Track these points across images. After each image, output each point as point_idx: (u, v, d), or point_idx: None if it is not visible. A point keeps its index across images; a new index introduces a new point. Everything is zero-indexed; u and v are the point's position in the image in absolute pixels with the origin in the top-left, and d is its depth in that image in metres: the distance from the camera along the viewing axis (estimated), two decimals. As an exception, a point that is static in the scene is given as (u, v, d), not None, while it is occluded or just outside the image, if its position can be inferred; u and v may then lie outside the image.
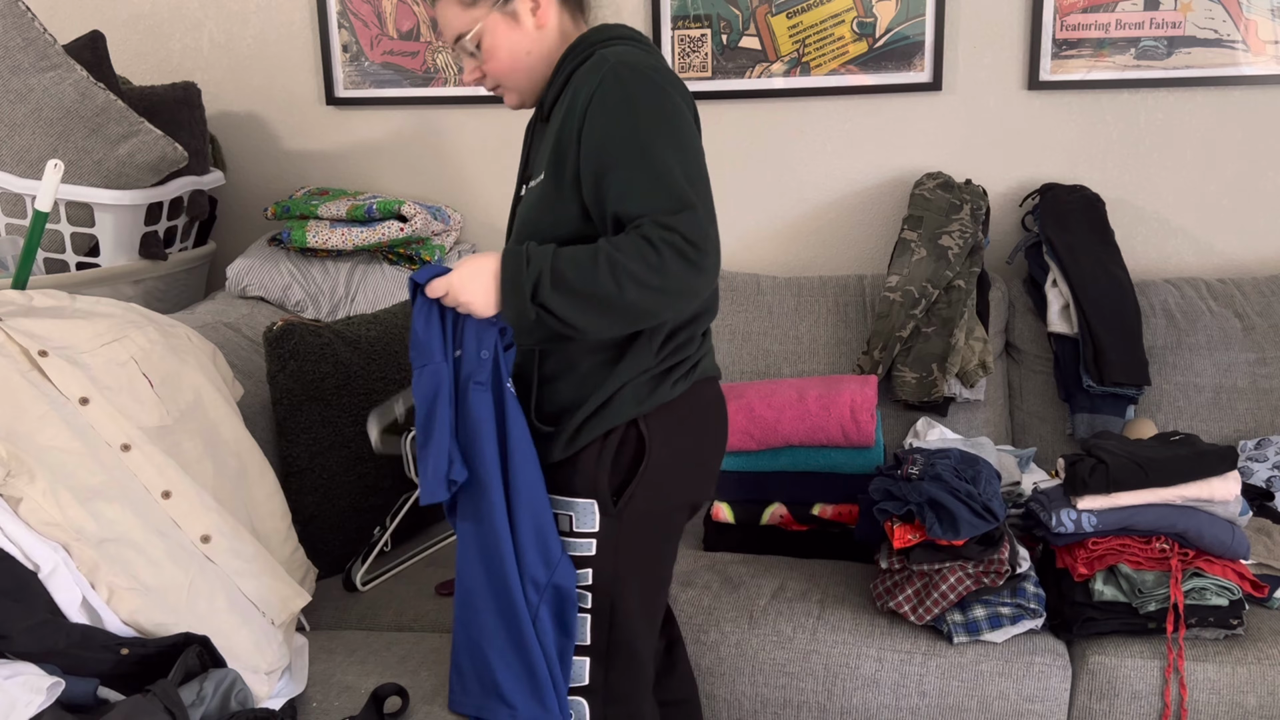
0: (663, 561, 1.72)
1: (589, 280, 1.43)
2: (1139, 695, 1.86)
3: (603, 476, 1.60)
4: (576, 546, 1.62)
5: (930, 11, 2.64)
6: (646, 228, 1.43)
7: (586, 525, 1.61)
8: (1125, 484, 1.89)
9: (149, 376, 1.76)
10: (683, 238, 1.42)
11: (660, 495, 1.64)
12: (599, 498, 1.60)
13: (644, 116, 1.48)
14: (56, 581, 1.47)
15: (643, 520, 1.63)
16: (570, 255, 1.45)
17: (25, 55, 2.32)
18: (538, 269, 1.44)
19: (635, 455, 1.61)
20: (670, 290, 1.44)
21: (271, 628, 1.71)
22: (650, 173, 1.45)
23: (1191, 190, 2.67)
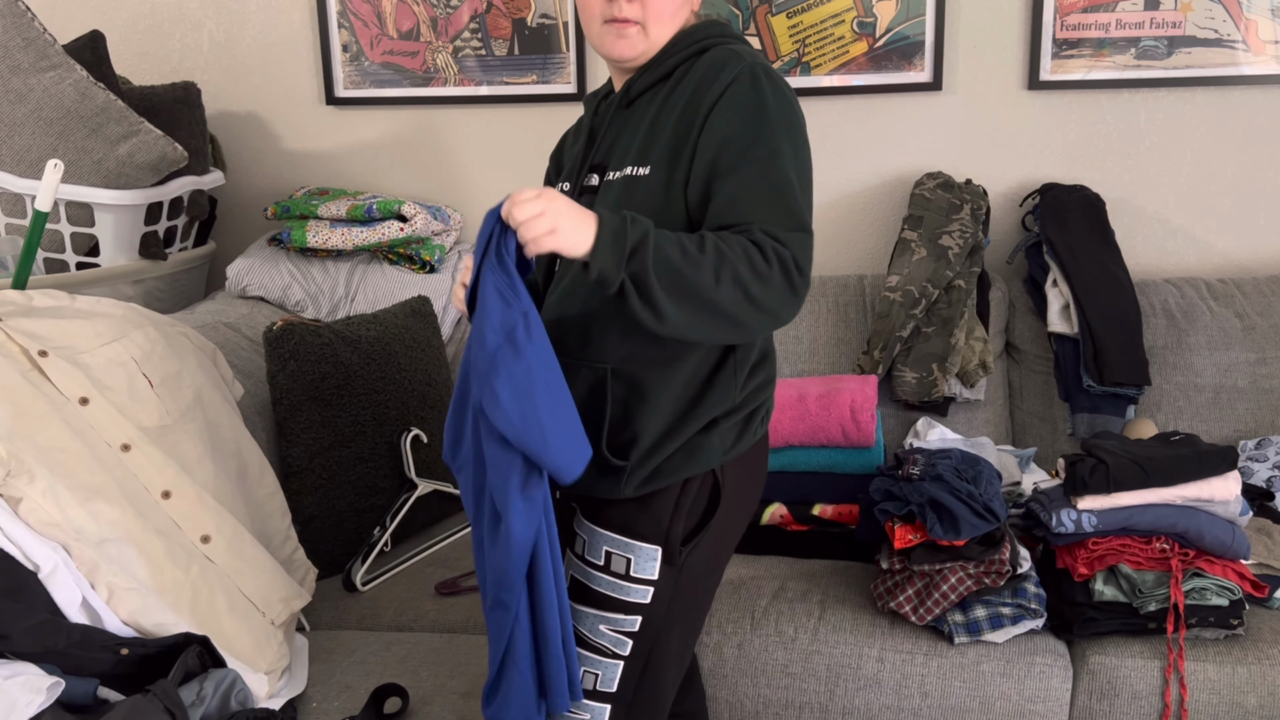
0: (705, 611, 1.62)
1: (691, 265, 1.30)
2: (1139, 695, 1.86)
3: (677, 526, 1.49)
4: (630, 591, 1.49)
5: (930, 11, 2.64)
6: (758, 235, 1.33)
7: (645, 572, 1.49)
8: (1125, 484, 1.89)
9: (149, 376, 1.76)
10: (793, 258, 1.33)
11: (721, 546, 1.56)
12: (668, 547, 1.49)
13: (778, 123, 1.39)
14: (56, 581, 1.47)
15: (700, 571, 1.54)
16: (674, 234, 1.32)
17: (25, 55, 2.32)
18: (642, 232, 1.29)
19: (709, 505, 1.51)
20: (763, 305, 1.33)
21: (271, 628, 1.71)
22: (771, 184, 1.37)
23: (1191, 190, 2.67)
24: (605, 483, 1.48)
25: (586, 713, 1.54)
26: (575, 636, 1.52)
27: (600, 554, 1.50)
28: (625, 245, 1.28)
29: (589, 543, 1.52)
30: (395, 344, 2.40)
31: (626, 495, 1.48)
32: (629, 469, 1.47)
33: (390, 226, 2.66)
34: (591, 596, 1.51)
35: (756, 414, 1.54)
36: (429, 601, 2.10)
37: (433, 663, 1.81)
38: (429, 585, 2.16)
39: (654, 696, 1.55)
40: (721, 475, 1.51)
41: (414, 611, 2.07)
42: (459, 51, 2.85)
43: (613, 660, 1.51)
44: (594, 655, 1.52)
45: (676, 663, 1.57)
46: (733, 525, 1.57)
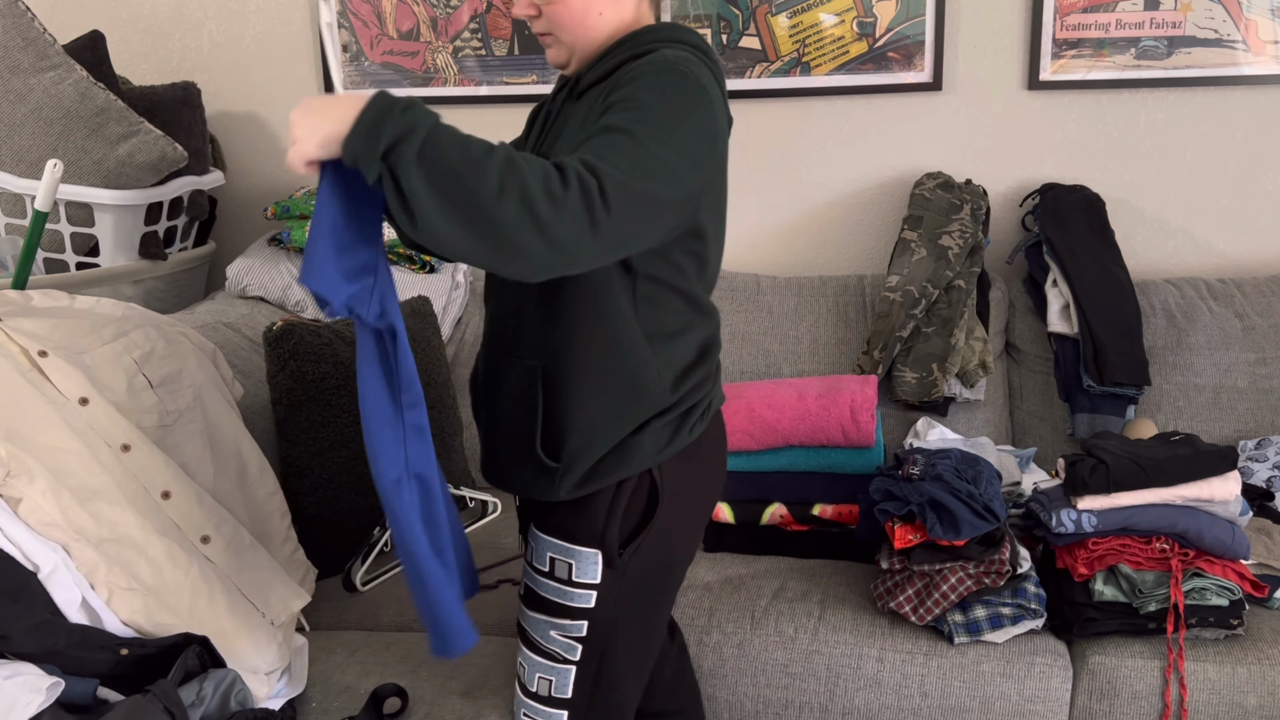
0: (661, 615, 1.59)
1: (470, 168, 1.15)
2: (1139, 695, 1.86)
3: (613, 528, 1.47)
4: (574, 597, 1.49)
5: (930, 11, 2.64)
6: (568, 161, 1.21)
7: (587, 576, 1.48)
8: (1125, 484, 1.89)
9: (149, 376, 1.76)
10: (600, 186, 1.19)
11: (668, 546, 1.53)
12: (605, 549, 1.48)
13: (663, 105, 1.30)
14: (56, 582, 1.47)
15: (648, 573, 1.51)
16: (463, 136, 1.19)
17: (25, 55, 2.32)
18: (412, 121, 1.16)
19: (647, 505, 1.48)
20: (550, 229, 1.16)
21: (271, 628, 1.71)
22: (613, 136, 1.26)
23: (1191, 190, 2.67)
24: (541, 484, 1.48)
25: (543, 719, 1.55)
26: (529, 642, 1.54)
27: (545, 560, 1.51)
28: (381, 133, 1.15)
29: (535, 549, 1.52)
30: (395, 344, 2.40)
31: (562, 498, 1.47)
32: (561, 470, 1.46)
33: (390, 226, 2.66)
34: (540, 602, 1.52)
35: (693, 412, 1.50)
36: (429, 601, 2.10)
37: (432, 663, 1.81)
38: (429, 585, 2.15)
39: (611, 702, 1.55)
40: (659, 475, 1.48)
41: (414, 611, 2.07)
42: (459, 51, 2.85)
43: (565, 666, 1.52)
44: (546, 661, 1.53)
45: (635, 667, 1.56)
46: (681, 525, 1.53)
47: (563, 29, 1.46)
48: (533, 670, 1.56)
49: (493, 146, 1.19)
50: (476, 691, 1.71)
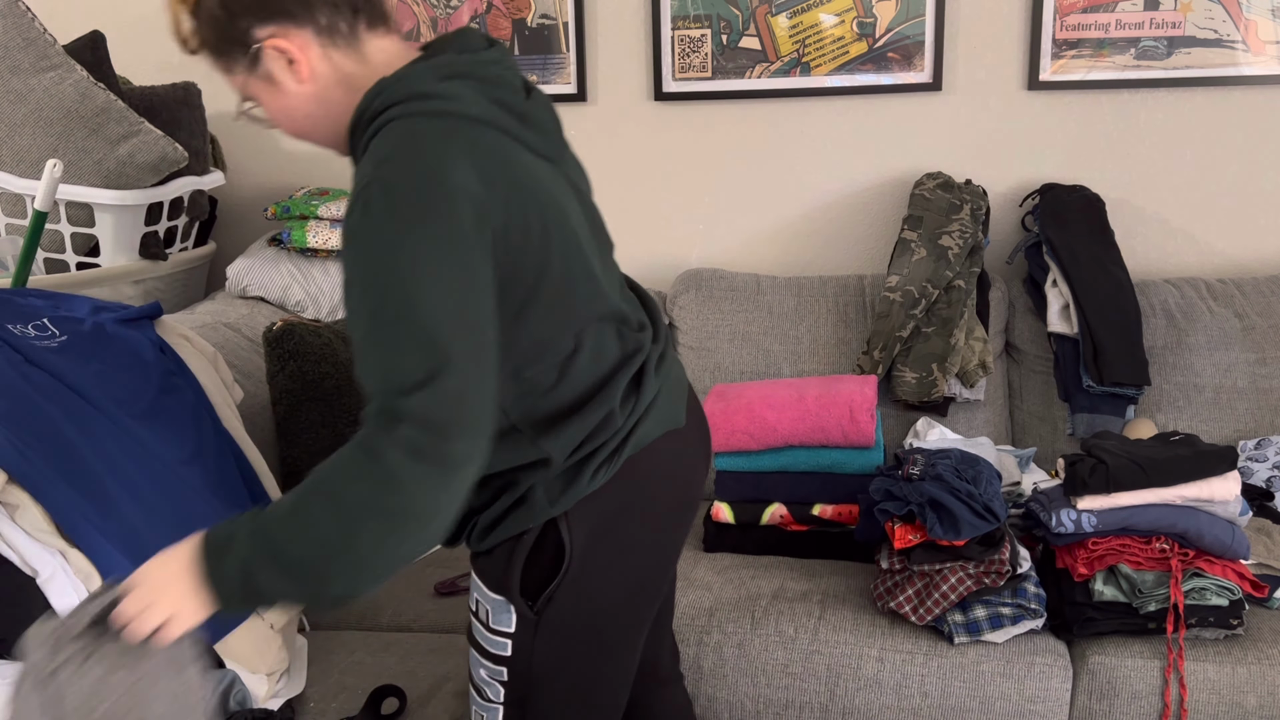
0: (603, 667, 1.43)
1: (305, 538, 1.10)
2: (1139, 695, 1.86)
3: (512, 579, 1.35)
4: (492, 643, 1.40)
5: (930, 11, 2.64)
6: (368, 430, 1.12)
7: (502, 624, 1.38)
8: (1125, 484, 1.89)
9: (148, 376, 1.76)
10: (417, 425, 1.09)
11: (592, 599, 1.37)
12: (511, 600, 1.36)
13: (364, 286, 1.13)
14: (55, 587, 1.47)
15: (570, 626, 1.37)
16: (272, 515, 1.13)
17: (25, 55, 2.32)
18: (240, 556, 1.12)
19: (554, 557, 1.34)
20: (416, 514, 1.10)
21: (270, 631, 1.71)
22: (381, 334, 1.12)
23: (1191, 190, 2.67)
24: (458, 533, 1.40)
25: None
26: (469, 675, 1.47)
27: (473, 600, 1.43)
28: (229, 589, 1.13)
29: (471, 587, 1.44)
30: (395, 344, 2.40)
31: (473, 548, 1.38)
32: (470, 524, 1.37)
33: (390, 227, 2.66)
34: (472, 638, 1.44)
35: (592, 460, 1.32)
36: (428, 602, 2.10)
37: (431, 663, 1.81)
38: (428, 585, 2.16)
39: None
40: (565, 525, 1.33)
41: (413, 612, 2.07)
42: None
43: (493, 705, 1.44)
44: (478, 697, 1.45)
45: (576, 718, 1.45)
46: (609, 575, 1.37)
47: (282, 122, 1.30)
48: (472, 705, 1.48)
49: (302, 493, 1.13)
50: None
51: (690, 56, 2.75)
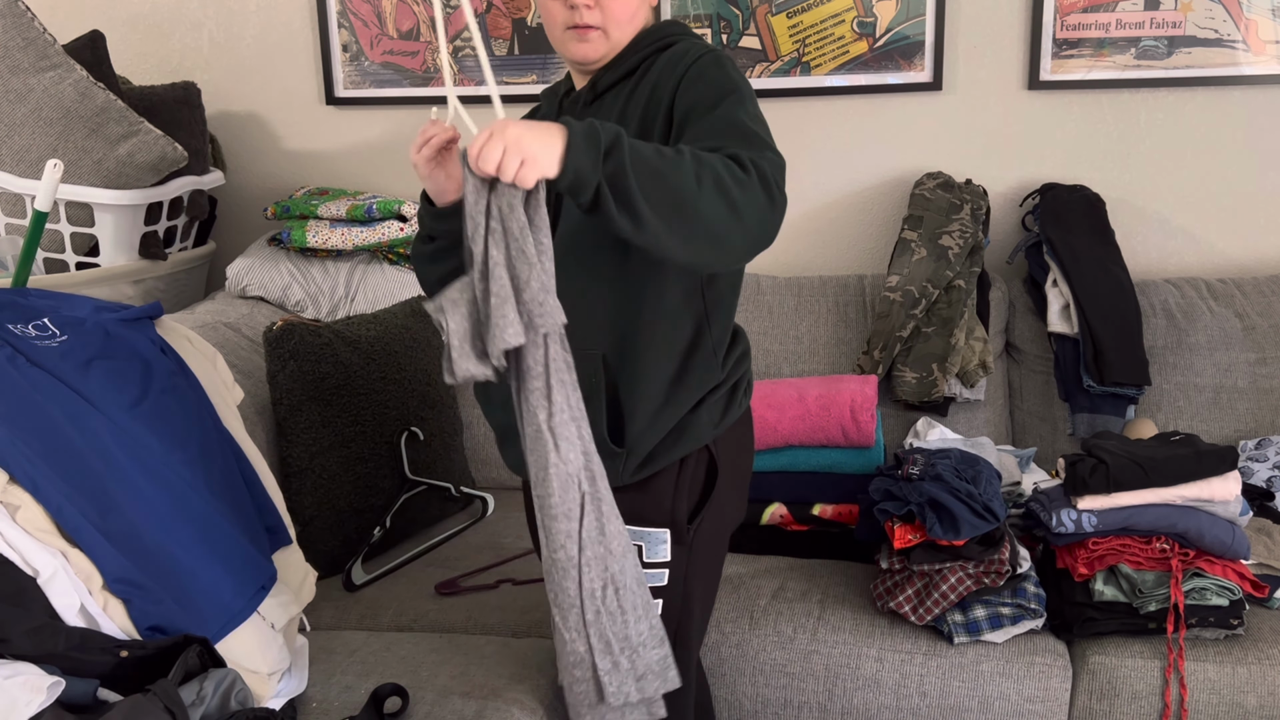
0: (717, 580, 1.67)
1: (669, 164, 1.26)
2: (1139, 695, 1.86)
3: (680, 505, 1.52)
4: (649, 577, 1.50)
5: (930, 11, 2.64)
6: (732, 151, 1.33)
7: (658, 555, 1.52)
8: (1125, 484, 1.89)
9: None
10: (770, 171, 1.33)
11: (724, 516, 1.59)
12: (675, 527, 1.52)
13: (740, 89, 1.43)
14: (55, 587, 1.46)
15: (709, 544, 1.57)
16: (646, 143, 1.30)
17: (25, 55, 2.32)
18: (615, 133, 1.26)
19: (706, 479, 1.54)
20: (745, 214, 1.29)
21: (271, 631, 1.71)
22: (737, 126, 1.38)
23: (1191, 190, 2.67)
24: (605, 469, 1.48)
25: None
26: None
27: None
28: (599, 145, 1.25)
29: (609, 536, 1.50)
30: (395, 344, 2.40)
31: (625, 482, 1.50)
32: (624, 454, 1.50)
33: (390, 226, 2.66)
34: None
35: (739, 386, 1.57)
36: (429, 601, 2.10)
37: (433, 663, 1.81)
38: (429, 585, 2.16)
39: (684, 671, 1.56)
40: (715, 450, 1.54)
41: (414, 611, 2.07)
42: (459, 51, 2.85)
43: None
44: None
45: (699, 635, 1.64)
46: (732, 497, 1.61)
47: (616, 24, 1.51)
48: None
49: (680, 148, 1.30)
50: (477, 691, 1.71)
51: (690, 56, 2.74)
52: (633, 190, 1.24)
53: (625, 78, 1.53)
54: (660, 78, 1.48)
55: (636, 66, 1.53)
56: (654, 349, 1.49)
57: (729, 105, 1.40)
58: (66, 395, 1.56)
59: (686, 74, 1.45)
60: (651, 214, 1.25)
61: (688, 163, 1.27)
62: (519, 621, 2.02)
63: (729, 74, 1.45)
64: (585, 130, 1.25)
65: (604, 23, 1.50)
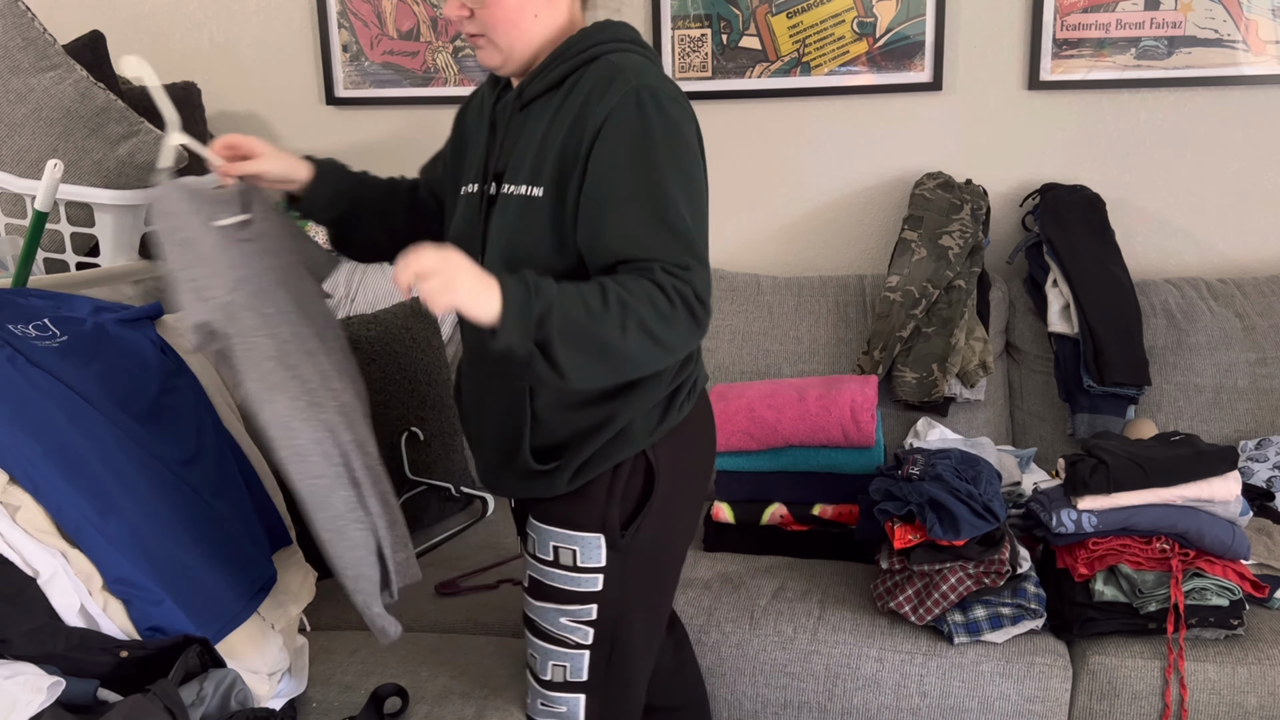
0: (666, 592, 1.65)
1: (597, 322, 1.30)
2: (1139, 695, 1.86)
3: (613, 511, 1.52)
4: (581, 582, 1.54)
5: (930, 11, 2.64)
6: (659, 274, 1.33)
7: (592, 560, 1.53)
8: (1125, 484, 1.89)
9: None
10: (695, 294, 1.34)
11: (667, 523, 1.57)
12: (607, 532, 1.52)
13: (662, 154, 1.37)
14: (55, 587, 1.46)
15: (649, 551, 1.56)
16: (577, 291, 1.31)
17: (25, 55, 2.32)
18: (547, 302, 1.29)
19: (644, 485, 1.53)
20: (669, 345, 1.35)
21: (272, 632, 1.71)
22: (662, 218, 1.36)
23: (1191, 190, 2.67)
24: (540, 484, 1.52)
25: (562, 705, 1.59)
26: (539, 632, 1.58)
27: (549, 549, 1.55)
28: (531, 317, 1.28)
29: (538, 540, 1.56)
30: (395, 344, 2.40)
31: (562, 491, 1.51)
32: (558, 468, 1.51)
33: (390, 226, 2.66)
34: (547, 591, 1.56)
35: (679, 393, 1.55)
36: (429, 601, 2.10)
37: (433, 663, 1.81)
38: (429, 585, 2.16)
39: (625, 681, 1.59)
40: (653, 455, 1.52)
41: (414, 611, 2.07)
42: (459, 51, 2.85)
43: (578, 650, 1.56)
44: (559, 648, 1.57)
45: (643, 647, 1.61)
46: (679, 502, 1.58)
47: (497, 31, 1.45)
48: (545, 659, 1.59)
49: (604, 290, 1.31)
50: (477, 691, 1.71)
51: (690, 56, 2.75)
52: (559, 356, 1.29)
53: (551, 89, 1.47)
54: (584, 104, 1.41)
55: (563, 79, 1.46)
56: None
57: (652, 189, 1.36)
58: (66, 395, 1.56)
59: (607, 123, 1.38)
60: (576, 370, 1.31)
61: (614, 314, 1.30)
62: (519, 621, 2.02)
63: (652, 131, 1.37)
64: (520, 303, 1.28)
65: (484, 30, 1.46)
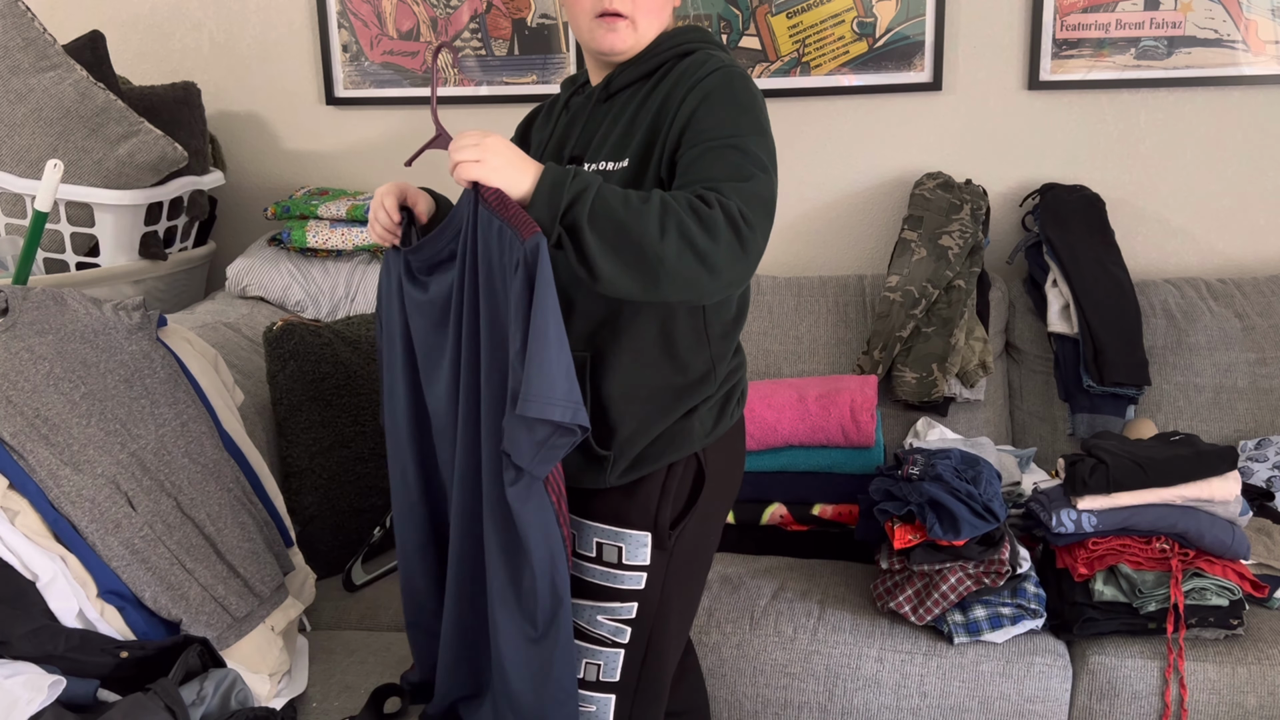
0: (699, 591, 1.65)
1: (634, 216, 1.28)
2: (1139, 695, 1.86)
3: (665, 511, 1.51)
4: (623, 579, 1.52)
5: (930, 11, 2.64)
6: (704, 191, 1.34)
7: (637, 558, 1.51)
8: (1125, 484, 1.89)
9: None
10: (740, 210, 1.32)
11: (709, 524, 1.58)
12: (656, 531, 1.51)
13: (744, 112, 1.43)
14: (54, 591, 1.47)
15: (690, 552, 1.56)
16: (620, 190, 1.32)
17: (25, 55, 2.32)
18: (583, 185, 1.30)
19: (693, 486, 1.53)
20: (711, 261, 1.30)
21: (271, 633, 1.71)
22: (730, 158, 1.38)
23: (1191, 190, 2.67)
24: (590, 473, 1.50)
25: (592, 704, 1.55)
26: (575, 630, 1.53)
27: (591, 545, 1.52)
28: (562, 196, 1.29)
29: (578, 536, 1.53)
30: (395, 344, 2.40)
31: (611, 484, 1.50)
32: (612, 458, 1.49)
33: (390, 226, 2.66)
34: (586, 589, 1.53)
35: (733, 395, 1.57)
36: (429, 601, 2.10)
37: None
38: (429, 585, 2.15)
39: (656, 681, 1.58)
40: (704, 457, 1.53)
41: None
42: (459, 52, 2.85)
43: (613, 649, 1.53)
44: (594, 646, 1.54)
45: (675, 645, 1.61)
46: (718, 505, 1.60)
47: (646, 14, 1.50)
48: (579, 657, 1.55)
49: (648, 194, 1.30)
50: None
51: (690, 56, 2.74)
52: (588, 245, 1.28)
53: (640, 80, 1.53)
54: (674, 86, 1.47)
55: (654, 70, 1.52)
56: (643, 357, 1.48)
57: (727, 134, 1.40)
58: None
59: (693, 89, 1.44)
60: (609, 267, 1.29)
61: (653, 212, 1.29)
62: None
63: (736, 96, 1.44)
64: (554, 179, 1.30)
65: (634, 11, 1.49)
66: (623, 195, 1.31)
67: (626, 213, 1.29)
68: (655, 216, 1.28)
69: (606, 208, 1.29)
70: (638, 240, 1.28)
